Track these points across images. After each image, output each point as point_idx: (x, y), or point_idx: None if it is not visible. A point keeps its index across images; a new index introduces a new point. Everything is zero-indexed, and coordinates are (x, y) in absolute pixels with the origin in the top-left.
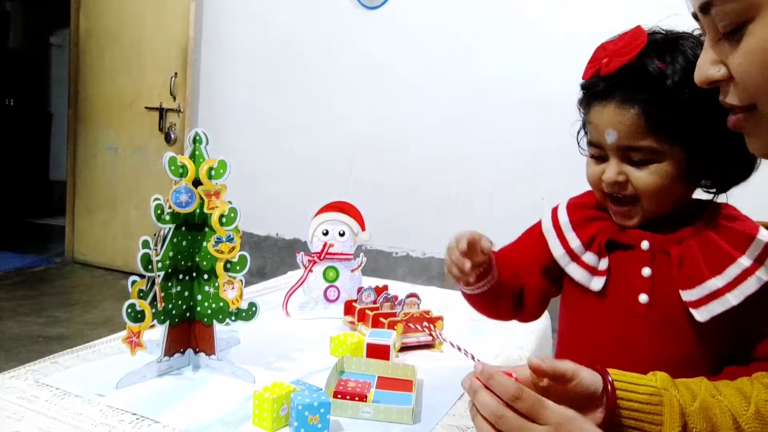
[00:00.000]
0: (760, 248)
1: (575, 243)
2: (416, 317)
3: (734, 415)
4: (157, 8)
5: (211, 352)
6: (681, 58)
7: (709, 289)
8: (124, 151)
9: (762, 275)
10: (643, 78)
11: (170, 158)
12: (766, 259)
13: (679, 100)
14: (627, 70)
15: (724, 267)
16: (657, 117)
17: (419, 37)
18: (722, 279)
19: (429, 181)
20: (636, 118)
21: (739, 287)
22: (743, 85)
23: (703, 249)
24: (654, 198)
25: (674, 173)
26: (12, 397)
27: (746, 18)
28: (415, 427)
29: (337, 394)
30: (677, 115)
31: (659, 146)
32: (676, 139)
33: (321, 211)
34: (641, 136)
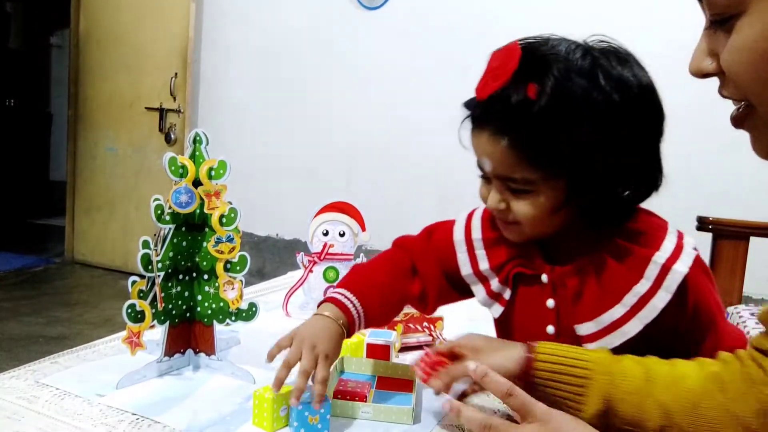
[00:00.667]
0: (657, 270)
1: (484, 266)
2: (416, 317)
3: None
4: (156, 8)
5: (211, 353)
6: (551, 81)
7: (605, 323)
8: (124, 151)
9: (658, 302)
10: (509, 109)
11: (170, 158)
12: (664, 281)
13: (549, 130)
14: (497, 99)
15: (620, 296)
16: (526, 150)
17: (419, 37)
18: (619, 310)
19: (429, 181)
20: (507, 150)
21: (637, 316)
22: (733, 82)
23: (601, 279)
24: (534, 225)
25: (554, 204)
26: (12, 397)
27: (734, 11)
28: (415, 427)
29: (337, 394)
30: (549, 147)
31: (534, 177)
32: (552, 170)
33: (321, 212)
34: (514, 168)
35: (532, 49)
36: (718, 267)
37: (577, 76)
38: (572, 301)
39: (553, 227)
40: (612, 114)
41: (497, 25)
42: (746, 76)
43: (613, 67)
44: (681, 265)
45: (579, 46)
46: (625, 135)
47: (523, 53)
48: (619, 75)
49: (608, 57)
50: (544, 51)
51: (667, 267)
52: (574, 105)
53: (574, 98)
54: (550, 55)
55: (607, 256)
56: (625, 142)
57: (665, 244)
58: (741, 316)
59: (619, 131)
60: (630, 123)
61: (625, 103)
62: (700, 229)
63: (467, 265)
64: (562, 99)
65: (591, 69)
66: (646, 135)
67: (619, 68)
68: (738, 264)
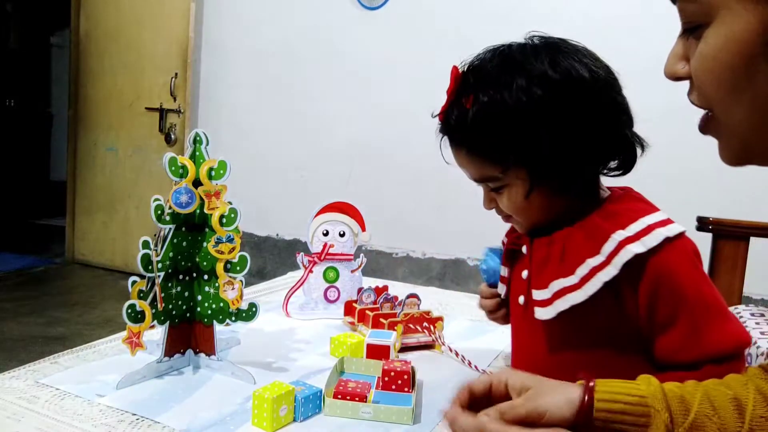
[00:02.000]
0: (612, 247)
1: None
2: (416, 318)
3: None
4: (157, 9)
5: (211, 353)
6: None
7: (556, 288)
8: (125, 151)
9: (603, 276)
10: (455, 120)
11: (170, 159)
12: (614, 258)
13: (486, 131)
14: (447, 116)
15: (574, 268)
16: (480, 152)
17: (419, 37)
18: (570, 279)
19: (429, 181)
20: (469, 157)
21: (583, 287)
22: (698, 88)
23: (565, 250)
24: (521, 215)
25: (525, 190)
26: (12, 398)
27: (703, 21)
28: (415, 427)
29: (337, 394)
30: (493, 144)
31: (499, 174)
32: (508, 162)
33: (321, 212)
34: (481, 170)
35: (469, 68)
36: (718, 267)
37: (498, 82)
38: (538, 270)
39: (542, 213)
40: (537, 105)
41: (497, 25)
42: (709, 84)
43: (533, 65)
44: (637, 246)
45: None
46: (560, 120)
47: (461, 74)
48: (540, 71)
49: (535, 55)
50: (474, 66)
51: (621, 245)
52: (501, 107)
53: (500, 101)
54: (477, 70)
55: (577, 230)
56: (563, 125)
57: (634, 224)
58: (741, 316)
59: (550, 118)
60: (560, 109)
61: (550, 93)
62: (700, 229)
63: None
64: (490, 105)
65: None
66: (583, 116)
67: (541, 64)
68: (738, 264)
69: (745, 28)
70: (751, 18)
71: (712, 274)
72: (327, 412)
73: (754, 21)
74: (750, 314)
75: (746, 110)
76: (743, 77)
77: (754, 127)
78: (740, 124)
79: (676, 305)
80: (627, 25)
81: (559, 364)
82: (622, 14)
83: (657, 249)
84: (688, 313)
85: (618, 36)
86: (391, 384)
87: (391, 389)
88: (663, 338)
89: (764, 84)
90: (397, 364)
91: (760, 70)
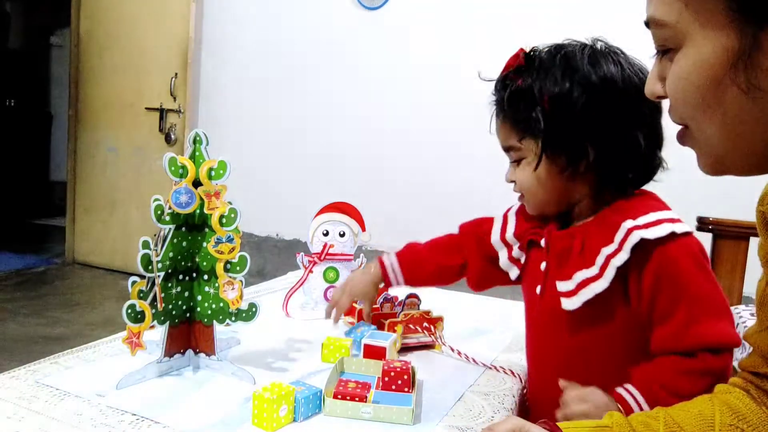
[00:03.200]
0: (623, 234)
1: (510, 232)
2: (416, 318)
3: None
4: (157, 8)
5: (211, 353)
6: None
7: (578, 280)
8: (124, 151)
9: (617, 261)
10: (501, 90)
11: (170, 159)
12: (624, 244)
13: (519, 106)
14: (497, 87)
15: (593, 259)
16: (509, 120)
17: (419, 37)
18: (592, 270)
19: (429, 181)
20: (501, 123)
21: (604, 275)
22: (672, 106)
23: (584, 243)
24: (529, 192)
25: (535, 165)
26: (12, 398)
27: (674, 45)
28: (415, 427)
29: (337, 394)
30: (521, 116)
31: (518, 143)
32: (528, 131)
33: (321, 212)
34: (507, 137)
35: (530, 52)
36: (718, 267)
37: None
38: (558, 262)
39: (549, 193)
40: (565, 97)
41: (497, 25)
42: (682, 103)
43: (576, 64)
44: (645, 232)
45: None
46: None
47: (523, 57)
48: (579, 69)
49: (583, 55)
50: (535, 52)
51: (630, 231)
52: (536, 90)
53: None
54: (535, 57)
55: (593, 223)
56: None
57: (643, 217)
58: (741, 316)
59: (572, 108)
60: (584, 103)
61: (582, 90)
62: (700, 229)
63: (497, 233)
64: (530, 88)
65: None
66: (603, 113)
67: (584, 65)
68: (738, 264)
69: (712, 51)
70: (716, 43)
71: None
72: (327, 412)
73: (719, 46)
74: (750, 314)
75: (717, 127)
76: (712, 97)
77: (724, 142)
78: (712, 138)
79: (676, 296)
80: (630, 23)
81: (576, 347)
82: (621, 9)
83: (663, 240)
84: (687, 306)
85: (617, 36)
86: (391, 384)
87: (391, 389)
88: (660, 329)
89: (732, 103)
90: (397, 364)
91: (728, 91)
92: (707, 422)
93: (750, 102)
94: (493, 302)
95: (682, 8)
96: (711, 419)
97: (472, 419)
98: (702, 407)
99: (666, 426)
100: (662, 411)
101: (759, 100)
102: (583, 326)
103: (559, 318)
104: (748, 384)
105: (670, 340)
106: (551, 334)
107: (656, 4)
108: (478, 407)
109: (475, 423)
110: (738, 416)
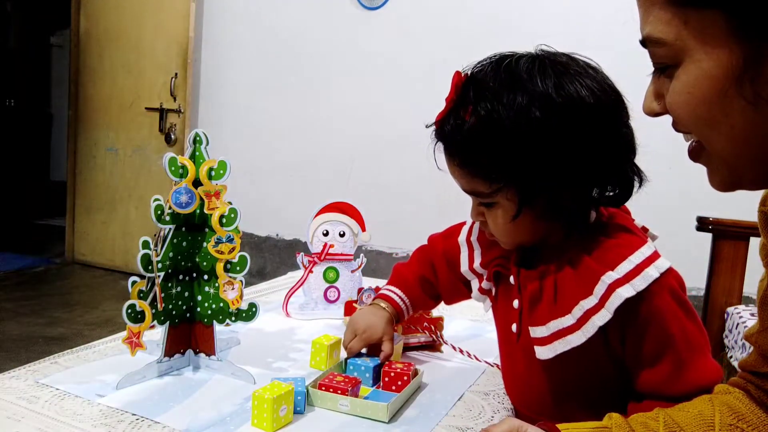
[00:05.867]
0: (603, 290)
1: (477, 263)
2: (416, 318)
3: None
4: (157, 8)
5: (211, 353)
6: (481, 105)
7: (553, 329)
8: (125, 151)
9: (598, 320)
10: (449, 131)
11: (170, 159)
12: (606, 302)
13: (480, 148)
14: (443, 124)
15: (570, 308)
16: (471, 166)
17: (419, 37)
18: (568, 319)
19: (429, 181)
20: (460, 169)
21: (582, 329)
22: (677, 121)
23: (557, 287)
24: (503, 236)
25: (513, 212)
26: (12, 398)
27: (674, 62)
28: (415, 427)
29: (321, 386)
30: (486, 161)
31: (489, 190)
32: (499, 181)
33: (321, 212)
34: (471, 183)
35: (472, 77)
36: (718, 267)
37: (499, 98)
38: (531, 303)
39: (526, 236)
40: (535, 128)
41: (497, 25)
42: (686, 117)
43: (537, 85)
44: (626, 290)
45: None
46: (557, 145)
47: (463, 82)
48: (542, 93)
49: (541, 73)
50: (477, 76)
51: (612, 288)
52: (498, 125)
53: (497, 119)
54: (479, 81)
55: (567, 266)
56: (559, 151)
57: (623, 264)
58: (741, 317)
59: (546, 142)
60: (558, 134)
61: (549, 117)
62: (700, 229)
63: (465, 263)
64: (487, 121)
65: (513, 90)
66: (580, 142)
67: (544, 85)
68: (738, 264)
69: (715, 65)
70: (719, 58)
71: (712, 274)
72: (309, 401)
73: (722, 60)
74: (750, 314)
75: (726, 140)
76: (718, 110)
77: (738, 155)
78: (722, 152)
79: (663, 344)
80: (627, 24)
81: (552, 387)
82: (622, 9)
83: (645, 292)
84: (674, 351)
85: (616, 35)
86: (391, 384)
87: (391, 389)
88: (647, 372)
89: (740, 116)
90: (399, 366)
91: (734, 104)
92: (707, 422)
93: (757, 113)
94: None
95: (680, 26)
96: (711, 419)
97: (472, 419)
98: (702, 407)
99: (666, 426)
100: (662, 412)
101: (767, 111)
102: (560, 369)
103: (534, 359)
104: (748, 384)
105: (660, 386)
106: (526, 372)
107: (653, 23)
108: (478, 407)
109: (475, 423)
110: (738, 416)
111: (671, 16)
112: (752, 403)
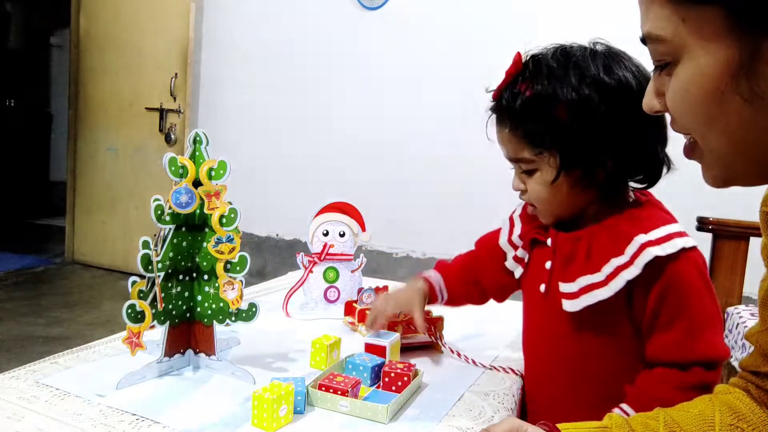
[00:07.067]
0: (635, 249)
1: (516, 234)
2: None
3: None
4: (157, 8)
5: (211, 353)
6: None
7: (582, 285)
8: (125, 151)
9: (626, 274)
10: (507, 100)
11: (170, 159)
12: (636, 259)
13: (534, 117)
14: (500, 95)
15: (600, 266)
16: (521, 133)
17: (419, 37)
18: (598, 276)
19: (429, 181)
20: (510, 135)
21: (609, 284)
22: (675, 119)
23: (591, 248)
24: (542, 203)
25: (552, 177)
26: (12, 398)
27: (673, 59)
28: (415, 427)
29: (321, 386)
30: (535, 128)
31: (533, 156)
32: (544, 146)
33: (321, 212)
34: (517, 149)
35: (531, 56)
36: (718, 267)
37: (554, 76)
38: (564, 263)
39: (564, 205)
40: (584, 103)
41: (496, 25)
42: (684, 115)
43: (589, 67)
44: (657, 249)
45: (565, 51)
46: (601, 120)
47: (524, 61)
48: (594, 74)
49: (593, 58)
50: (536, 56)
51: (643, 247)
52: (551, 98)
53: (552, 93)
54: (538, 60)
55: (601, 230)
56: (603, 126)
57: (655, 231)
58: (741, 317)
59: (593, 117)
60: (604, 111)
61: (598, 95)
62: (700, 229)
63: (505, 236)
64: (542, 93)
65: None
66: (620, 119)
67: (596, 68)
68: (738, 264)
69: (712, 63)
70: (716, 55)
71: (712, 274)
72: (309, 401)
73: (719, 58)
74: (750, 314)
75: (722, 138)
76: (715, 108)
77: (733, 152)
78: (718, 149)
79: (679, 310)
80: (631, 25)
81: (573, 348)
82: (627, 9)
83: (674, 256)
84: (689, 319)
85: (622, 36)
86: (391, 385)
87: (391, 390)
88: (659, 336)
89: (736, 113)
90: (399, 366)
91: (731, 101)
92: (707, 422)
93: (754, 111)
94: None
95: (679, 23)
96: (711, 419)
97: (472, 419)
98: (702, 407)
99: (666, 426)
100: (662, 411)
101: (763, 108)
102: (583, 328)
103: (559, 318)
104: (748, 384)
105: (668, 350)
106: (550, 334)
107: (653, 20)
108: (478, 407)
109: (475, 423)
110: (738, 416)
111: (670, 13)
112: (753, 403)
